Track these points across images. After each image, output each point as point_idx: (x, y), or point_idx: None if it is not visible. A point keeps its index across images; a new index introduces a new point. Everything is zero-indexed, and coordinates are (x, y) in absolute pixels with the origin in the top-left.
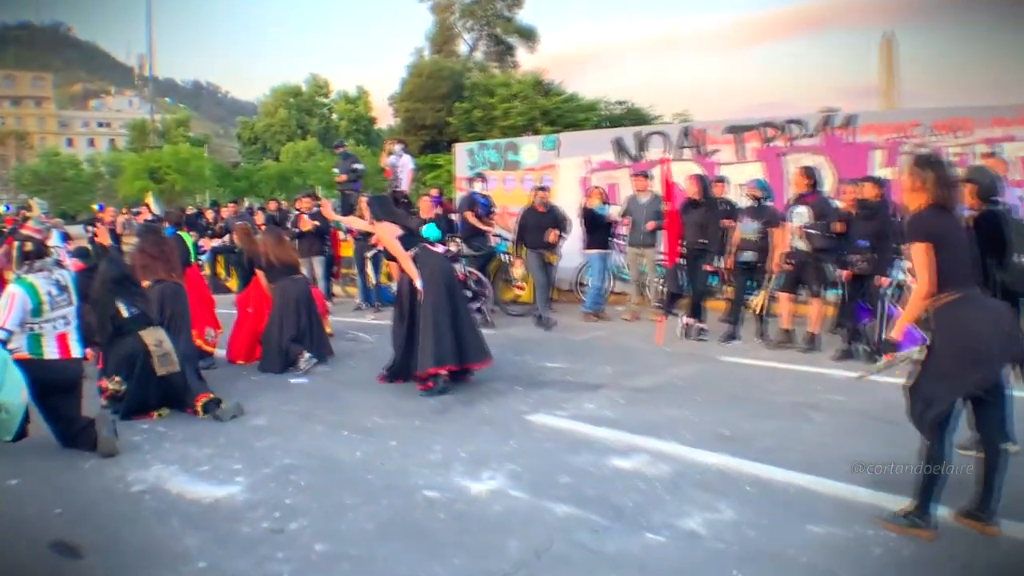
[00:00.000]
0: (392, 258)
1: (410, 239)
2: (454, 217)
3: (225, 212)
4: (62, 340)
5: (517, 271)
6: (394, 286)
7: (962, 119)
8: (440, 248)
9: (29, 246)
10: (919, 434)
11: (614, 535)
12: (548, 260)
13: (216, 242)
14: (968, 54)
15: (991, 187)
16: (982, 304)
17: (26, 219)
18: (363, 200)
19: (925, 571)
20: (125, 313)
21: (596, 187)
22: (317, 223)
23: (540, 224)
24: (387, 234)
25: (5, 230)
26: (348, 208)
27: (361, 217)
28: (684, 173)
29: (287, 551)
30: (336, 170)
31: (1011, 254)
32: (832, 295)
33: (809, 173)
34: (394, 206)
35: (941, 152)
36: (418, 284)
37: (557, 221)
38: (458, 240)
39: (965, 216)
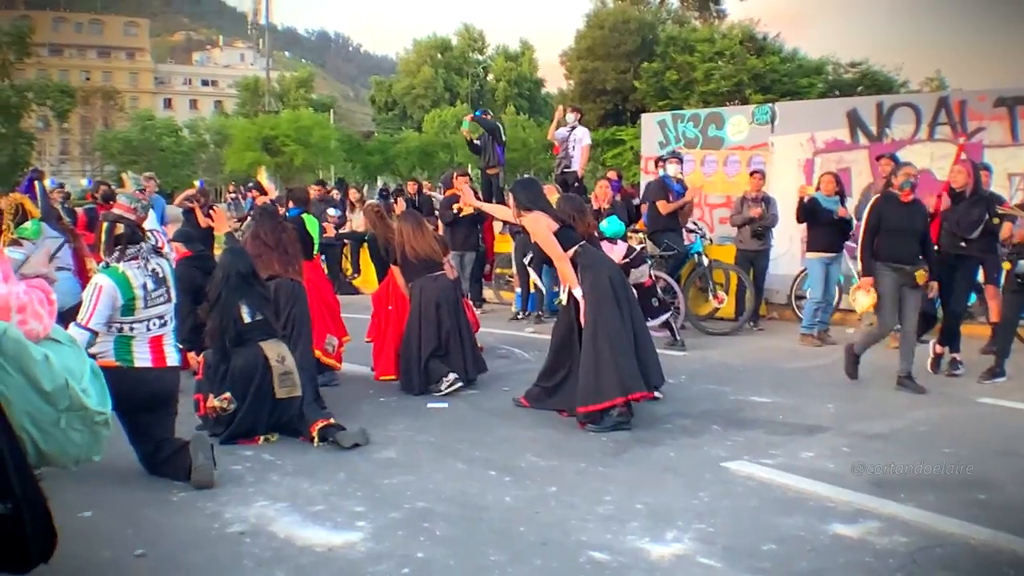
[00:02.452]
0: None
1: (569, 235)
2: (639, 206)
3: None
4: (156, 344)
5: (863, 299)
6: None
7: None
8: (621, 246)
9: (120, 228)
10: None
11: None
12: (916, 281)
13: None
14: None
15: None
16: None
17: (110, 196)
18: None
19: None
20: (247, 318)
21: (829, 173)
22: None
23: (908, 222)
24: (540, 228)
25: (83, 209)
26: (491, 193)
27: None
28: (940, 158)
29: None
30: (477, 142)
31: None
32: None
33: None
34: (542, 192)
35: None
36: (576, 293)
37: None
38: (643, 236)
39: None
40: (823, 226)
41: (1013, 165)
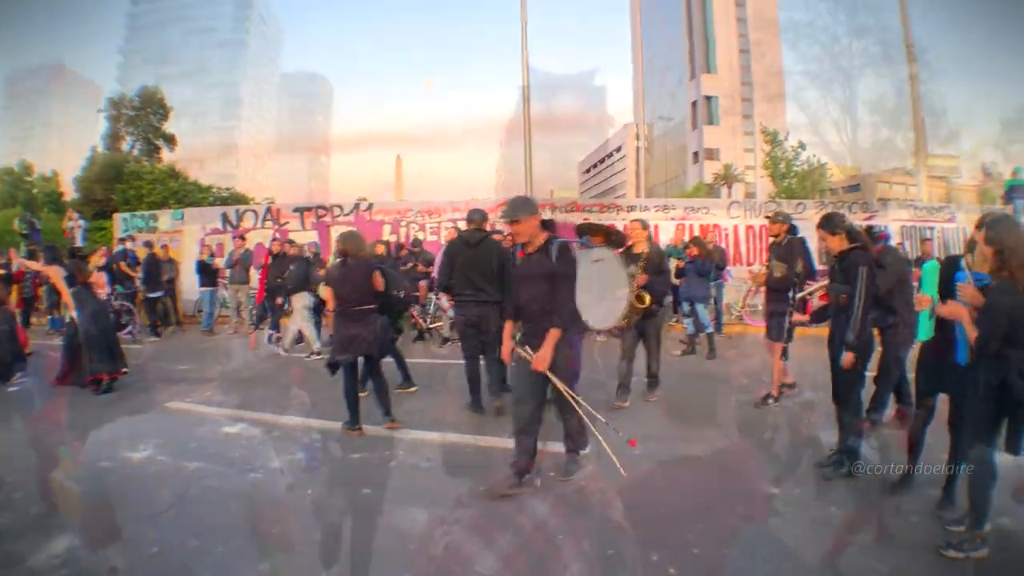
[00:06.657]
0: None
1: (72, 280)
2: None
3: None
4: None
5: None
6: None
7: (436, 207)
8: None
9: None
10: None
11: (229, 477)
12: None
13: None
14: (440, 170)
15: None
16: (353, 315)
17: None
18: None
19: (353, 445)
20: None
21: (207, 245)
22: (3, 271)
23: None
24: (55, 274)
25: None
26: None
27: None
28: (267, 238)
29: (10, 513)
30: (25, 231)
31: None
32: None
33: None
34: (60, 254)
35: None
36: (74, 314)
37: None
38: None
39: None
40: (210, 273)
41: (304, 240)
